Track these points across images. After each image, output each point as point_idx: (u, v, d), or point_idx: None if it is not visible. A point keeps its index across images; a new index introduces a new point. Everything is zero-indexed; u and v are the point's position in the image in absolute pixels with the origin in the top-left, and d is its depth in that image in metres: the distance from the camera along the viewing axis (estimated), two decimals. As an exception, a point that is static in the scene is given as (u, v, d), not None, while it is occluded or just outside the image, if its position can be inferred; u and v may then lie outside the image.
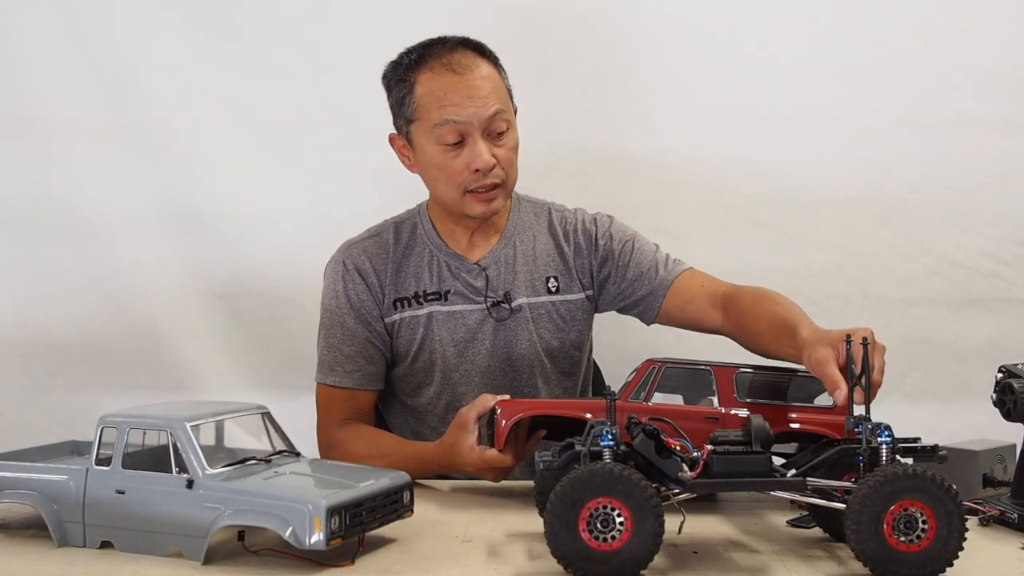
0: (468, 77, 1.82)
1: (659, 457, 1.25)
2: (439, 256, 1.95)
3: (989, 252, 2.54)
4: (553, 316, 1.97)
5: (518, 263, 1.97)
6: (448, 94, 1.81)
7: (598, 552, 1.17)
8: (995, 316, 2.52)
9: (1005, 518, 1.45)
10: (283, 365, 2.57)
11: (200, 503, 1.28)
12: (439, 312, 1.93)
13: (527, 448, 1.64)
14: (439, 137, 1.82)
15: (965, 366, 2.49)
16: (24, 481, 1.39)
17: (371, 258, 1.95)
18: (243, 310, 2.62)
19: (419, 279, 1.94)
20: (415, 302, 1.93)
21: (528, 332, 1.94)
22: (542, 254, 1.99)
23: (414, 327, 1.93)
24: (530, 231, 2.01)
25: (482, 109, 1.81)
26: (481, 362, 1.93)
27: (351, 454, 1.78)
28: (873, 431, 1.25)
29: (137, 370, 2.57)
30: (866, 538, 1.18)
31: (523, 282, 1.96)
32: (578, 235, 2.01)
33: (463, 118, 1.80)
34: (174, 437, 1.31)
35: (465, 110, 1.80)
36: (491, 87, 1.83)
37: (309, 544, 1.23)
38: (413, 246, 1.97)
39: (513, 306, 1.94)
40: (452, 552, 1.35)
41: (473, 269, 1.95)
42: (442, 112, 1.81)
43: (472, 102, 1.80)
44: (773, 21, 2.57)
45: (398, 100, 1.88)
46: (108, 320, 2.60)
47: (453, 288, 1.94)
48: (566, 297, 1.98)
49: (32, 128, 2.59)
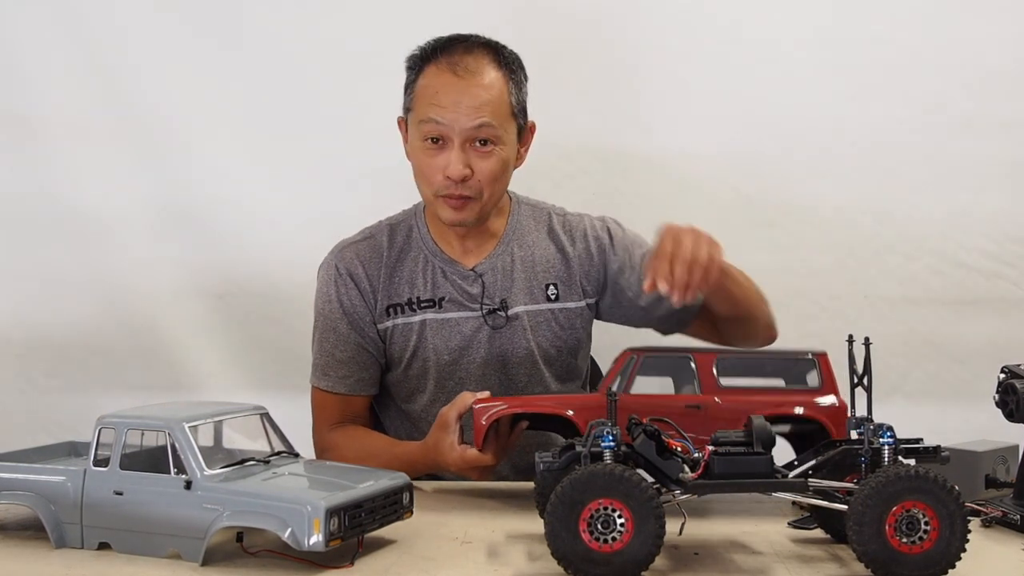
0: (466, 82, 1.79)
1: (660, 458, 1.25)
2: (434, 261, 1.92)
3: (991, 252, 2.53)
4: (552, 324, 1.94)
5: (516, 270, 1.93)
6: (439, 94, 1.79)
7: (599, 553, 1.17)
8: (997, 316, 2.51)
9: (1007, 519, 1.45)
10: (282, 366, 2.56)
11: (198, 504, 1.27)
12: (433, 320, 1.90)
13: (510, 443, 1.63)
14: (423, 132, 1.81)
15: (967, 366, 2.49)
16: (22, 482, 1.38)
17: (364, 262, 1.93)
18: (242, 310, 2.62)
19: (413, 285, 1.92)
20: (408, 309, 1.91)
21: (525, 340, 1.91)
22: (541, 260, 1.95)
23: (407, 334, 1.91)
24: (529, 236, 1.96)
25: (466, 118, 1.78)
26: (476, 370, 1.90)
27: (343, 457, 1.77)
28: (875, 432, 1.25)
29: (135, 370, 2.57)
30: (868, 539, 1.17)
31: (521, 289, 1.92)
32: (587, 240, 1.96)
33: (445, 121, 1.78)
34: (172, 438, 1.30)
35: (448, 114, 1.78)
36: (488, 98, 1.79)
37: (308, 545, 1.22)
38: (408, 250, 1.94)
39: (510, 314, 1.91)
40: (452, 553, 1.35)
41: (469, 276, 1.92)
42: (428, 109, 1.79)
43: (458, 108, 1.77)
44: (774, 21, 2.57)
45: (407, 85, 1.88)
46: (106, 320, 2.59)
47: (448, 295, 1.91)
48: (566, 305, 1.94)
49: (31, 128, 2.59)
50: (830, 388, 1.46)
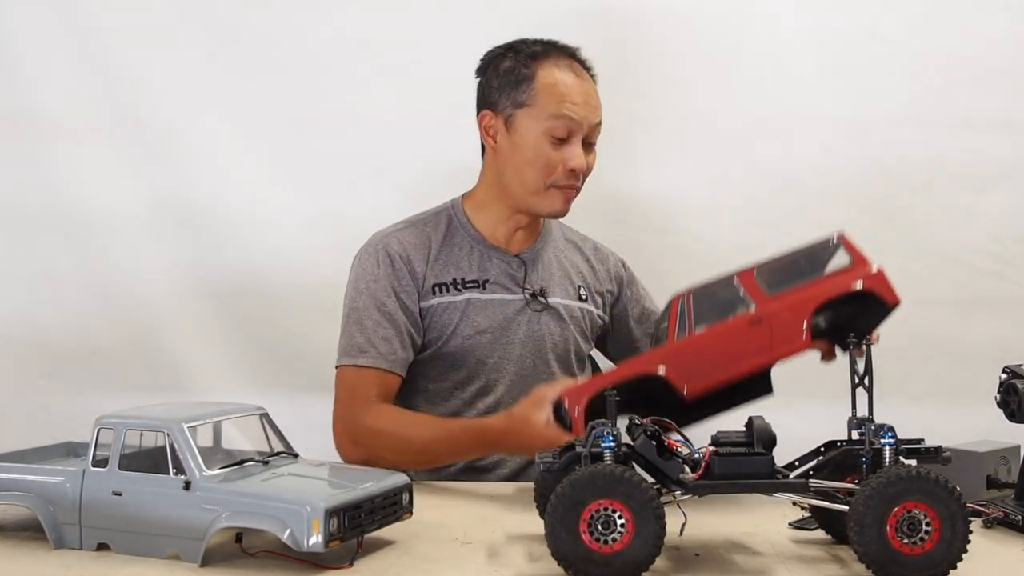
0: (587, 84, 1.94)
1: (660, 458, 1.25)
2: (478, 247, 2.00)
3: (993, 251, 2.53)
4: (580, 322, 2.05)
5: (553, 266, 2.06)
6: (571, 92, 1.90)
7: (599, 554, 1.17)
8: (999, 316, 2.50)
9: (1009, 520, 1.44)
10: (281, 366, 2.56)
11: (197, 505, 1.27)
12: (477, 299, 1.96)
13: None
14: (551, 128, 1.90)
15: (969, 366, 2.48)
16: (20, 483, 1.38)
17: (409, 246, 1.97)
18: (241, 310, 2.61)
19: (459, 267, 1.97)
20: (453, 288, 1.95)
21: (560, 329, 2.01)
22: (572, 264, 2.09)
23: (451, 312, 1.94)
24: (559, 242, 2.12)
25: (592, 116, 1.92)
26: (514, 351, 1.96)
27: (389, 433, 1.80)
28: (876, 432, 1.24)
29: (134, 371, 2.56)
30: (869, 540, 1.17)
31: (558, 284, 2.04)
32: (607, 264, 2.15)
33: (578, 117, 1.90)
34: (171, 438, 1.30)
35: (581, 110, 1.90)
36: (599, 100, 1.96)
37: (307, 546, 1.22)
38: (452, 237, 2.01)
39: (549, 302, 2.00)
40: (451, 554, 1.35)
41: (513, 261, 2.01)
42: (561, 106, 1.89)
43: (587, 107, 1.91)
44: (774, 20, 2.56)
45: (510, 82, 1.93)
46: (105, 320, 2.59)
47: (492, 277, 1.98)
48: (590, 308, 2.08)
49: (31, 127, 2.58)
50: (862, 260, 1.42)
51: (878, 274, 1.41)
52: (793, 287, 1.43)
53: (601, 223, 2.33)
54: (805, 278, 1.44)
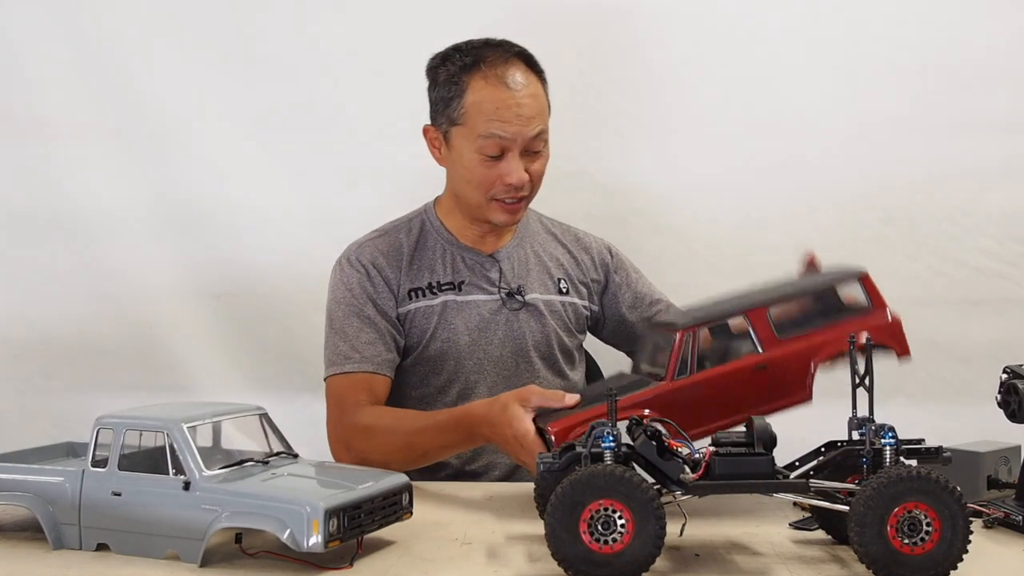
0: (519, 94, 1.84)
1: (661, 458, 1.24)
2: (451, 250, 1.98)
3: (994, 252, 2.52)
4: (562, 315, 2.02)
5: (530, 262, 2.02)
6: (499, 109, 1.83)
7: (599, 555, 1.16)
8: (1000, 316, 2.50)
9: (1010, 520, 1.44)
10: (281, 366, 2.56)
11: (197, 505, 1.27)
12: (453, 301, 1.94)
13: None
14: (480, 147, 1.85)
15: (969, 367, 2.48)
16: (19, 483, 1.38)
17: (383, 253, 1.96)
18: (240, 310, 2.61)
19: (433, 270, 1.96)
20: (429, 292, 1.95)
21: (540, 325, 1.98)
22: (551, 257, 2.06)
23: (428, 316, 1.93)
24: (539, 236, 2.08)
25: (527, 128, 1.84)
26: (494, 351, 1.95)
27: (380, 432, 1.77)
28: (877, 432, 1.24)
29: (133, 371, 2.56)
30: (869, 540, 1.17)
31: (535, 280, 2.01)
32: (591, 252, 2.09)
33: (508, 135, 1.83)
34: (171, 438, 1.30)
35: (511, 127, 1.83)
36: (538, 107, 1.87)
37: (307, 546, 1.22)
38: (425, 241, 1.99)
39: (527, 299, 1.98)
40: (451, 554, 1.34)
41: (487, 261, 1.99)
42: (489, 126, 1.83)
43: (519, 120, 1.83)
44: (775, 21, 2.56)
45: (443, 98, 1.89)
46: (104, 320, 2.59)
47: (467, 279, 1.97)
48: (573, 300, 2.04)
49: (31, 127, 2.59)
50: (880, 304, 1.41)
51: (894, 323, 1.39)
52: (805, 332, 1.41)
53: (601, 222, 2.33)
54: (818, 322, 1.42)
